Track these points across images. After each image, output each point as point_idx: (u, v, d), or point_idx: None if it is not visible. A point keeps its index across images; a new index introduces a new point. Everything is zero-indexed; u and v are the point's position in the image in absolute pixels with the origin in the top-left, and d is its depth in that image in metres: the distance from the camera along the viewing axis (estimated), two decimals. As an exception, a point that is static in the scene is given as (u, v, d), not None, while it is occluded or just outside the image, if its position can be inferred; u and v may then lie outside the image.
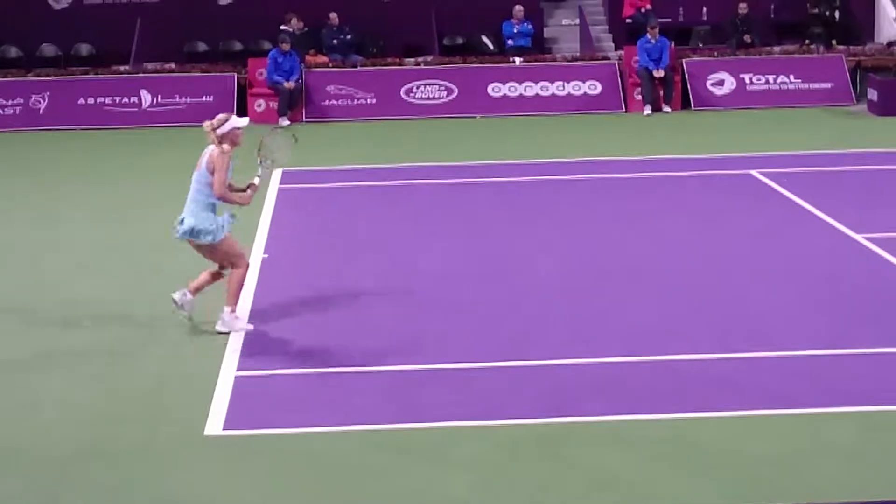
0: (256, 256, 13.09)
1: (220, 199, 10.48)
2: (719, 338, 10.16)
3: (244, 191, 10.74)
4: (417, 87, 24.30)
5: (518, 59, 24.93)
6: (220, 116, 10.55)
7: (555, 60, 25.16)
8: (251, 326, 10.66)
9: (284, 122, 23.41)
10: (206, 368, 9.62)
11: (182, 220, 10.47)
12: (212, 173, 10.41)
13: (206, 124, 10.52)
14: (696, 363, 9.56)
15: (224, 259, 10.65)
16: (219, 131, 10.45)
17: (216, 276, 10.81)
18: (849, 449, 7.93)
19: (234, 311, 10.62)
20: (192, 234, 10.45)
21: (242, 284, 10.72)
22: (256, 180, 10.82)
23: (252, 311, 11.16)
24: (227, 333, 10.47)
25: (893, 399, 8.70)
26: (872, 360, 9.55)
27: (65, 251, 13.74)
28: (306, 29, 25.24)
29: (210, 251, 10.59)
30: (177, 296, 10.70)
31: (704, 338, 10.19)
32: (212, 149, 10.48)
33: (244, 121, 10.69)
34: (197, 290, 10.77)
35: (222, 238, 10.49)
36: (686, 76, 24.42)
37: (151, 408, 8.91)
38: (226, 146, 10.44)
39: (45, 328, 11.00)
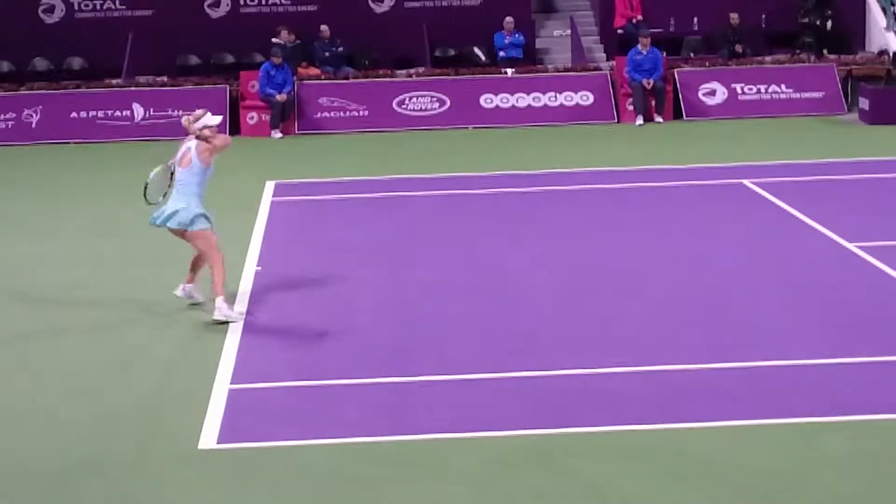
0: (249, 269, 13.10)
1: (224, 145, 11.53)
2: (713, 347, 10.17)
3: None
4: (409, 99, 24.33)
5: (510, 71, 24.96)
6: (197, 112, 11.58)
7: (546, 71, 25.20)
8: (242, 314, 11.38)
9: (277, 134, 23.45)
10: (201, 382, 9.61)
11: (177, 211, 11.35)
12: (205, 164, 11.44)
13: (184, 120, 11.54)
14: (690, 373, 9.57)
15: (204, 248, 11.45)
16: (193, 127, 11.45)
17: (199, 260, 11.73)
18: (843, 458, 7.93)
19: (224, 299, 11.28)
20: (184, 222, 11.33)
21: (223, 273, 11.39)
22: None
23: (246, 323, 11.17)
24: (226, 323, 11.10)
25: (887, 408, 8.71)
26: (867, 370, 9.56)
27: (57, 266, 13.72)
28: (298, 42, 25.26)
29: (194, 237, 11.43)
30: (178, 292, 11.71)
31: (698, 348, 10.20)
32: (195, 143, 11.45)
33: (216, 119, 11.57)
34: (192, 279, 11.77)
35: (207, 229, 11.40)
36: (678, 86, 24.46)
37: (145, 422, 8.90)
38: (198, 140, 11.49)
39: (35, 343, 10.99)
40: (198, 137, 11.47)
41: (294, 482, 7.80)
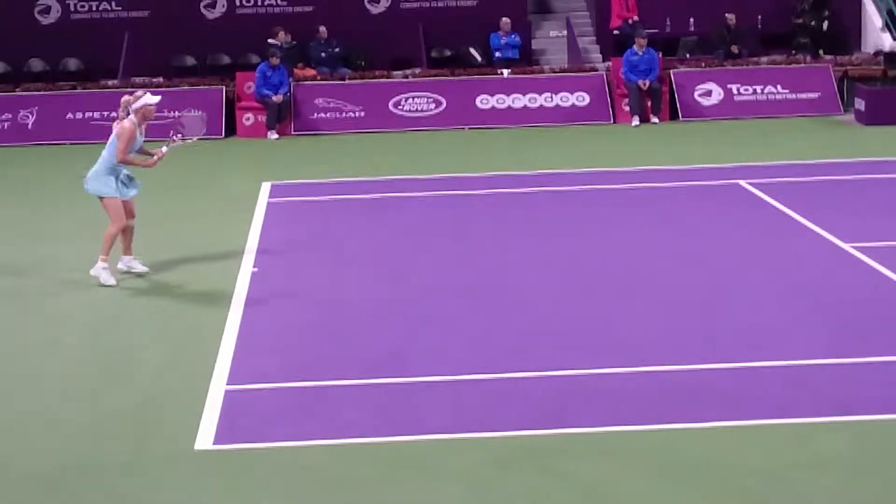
0: (246, 270, 13.10)
1: (121, 162, 12.62)
2: (709, 348, 10.17)
3: (151, 156, 12.91)
4: (405, 100, 24.33)
5: (506, 71, 24.97)
6: (137, 93, 12.84)
7: (543, 72, 25.21)
8: (115, 282, 12.52)
9: (273, 135, 23.45)
10: (196, 382, 9.61)
11: (89, 178, 12.69)
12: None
13: (123, 100, 12.71)
14: (687, 374, 9.56)
15: (109, 214, 12.66)
16: (132, 107, 12.62)
17: (126, 229, 12.89)
18: (841, 459, 7.93)
19: (104, 261, 12.55)
20: (88, 186, 12.67)
21: (113, 241, 12.62)
22: (164, 149, 12.98)
23: (241, 324, 11.16)
24: (98, 280, 12.49)
25: (885, 408, 8.71)
26: (863, 370, 9.56)
27: (54, 266, 13.70)
28: (294, 42, 25.26)
29: (102, 205, 12.74)
30: (121, 265, 12.90)
31: (694, 348, 10.20)
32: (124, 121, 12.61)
33: (155, 98, 12.76)
34: (127, 249, 12.99)
35: (109, 197, 12.60)
36: (674, 87, 24.48)
37: (141, 423, 8.89)
38: (133, 118, 12.63)
39: (32, 343, 10.98)
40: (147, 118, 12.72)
41: (290, 483, 7.79)
